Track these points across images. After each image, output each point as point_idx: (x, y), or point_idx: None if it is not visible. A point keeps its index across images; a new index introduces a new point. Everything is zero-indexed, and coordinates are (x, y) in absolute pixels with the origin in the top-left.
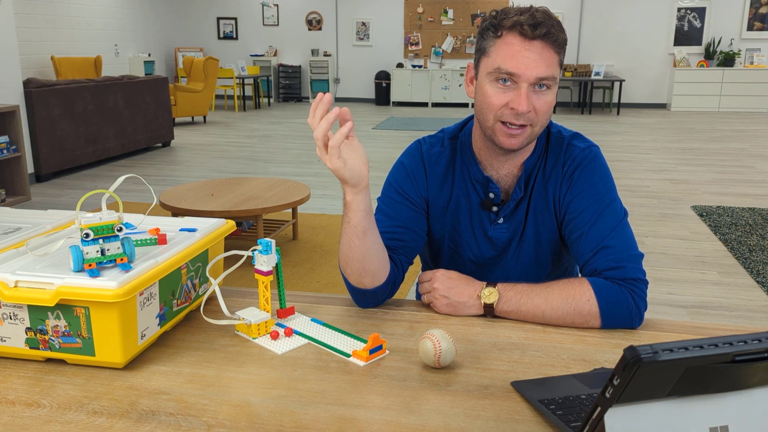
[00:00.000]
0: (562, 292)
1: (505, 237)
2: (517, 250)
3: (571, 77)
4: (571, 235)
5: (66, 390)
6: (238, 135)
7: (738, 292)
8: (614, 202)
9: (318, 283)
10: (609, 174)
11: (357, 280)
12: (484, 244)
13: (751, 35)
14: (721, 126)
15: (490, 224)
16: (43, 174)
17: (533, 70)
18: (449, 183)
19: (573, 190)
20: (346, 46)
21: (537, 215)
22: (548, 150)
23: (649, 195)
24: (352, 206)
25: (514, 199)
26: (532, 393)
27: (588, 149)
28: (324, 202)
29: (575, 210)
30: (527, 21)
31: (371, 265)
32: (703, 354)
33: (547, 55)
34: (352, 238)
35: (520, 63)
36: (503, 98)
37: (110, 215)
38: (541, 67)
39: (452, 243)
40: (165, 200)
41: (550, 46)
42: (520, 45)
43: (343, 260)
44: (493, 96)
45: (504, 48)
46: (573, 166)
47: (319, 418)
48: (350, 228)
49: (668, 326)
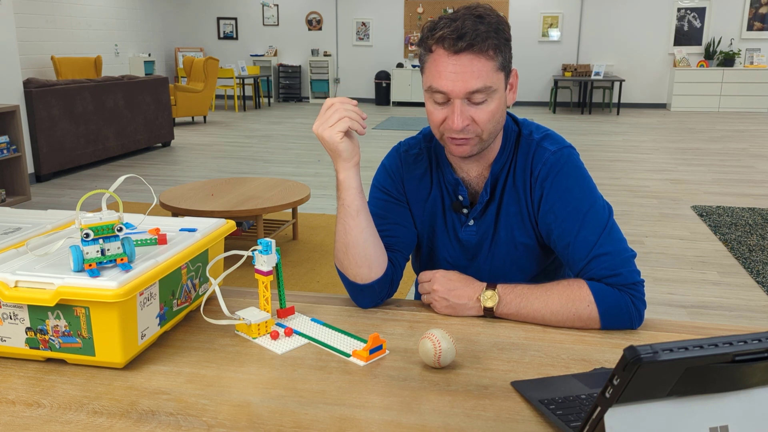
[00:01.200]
0: (562, 296)
1: (475, 239)
2: (489, 253)
3: (571, 77)
4: (558, 244)
5: (66, 390)
6: (238, 135)
7: (738, 292)
8: (595, 204)
9: (318, 283)
10: (585, 174)
11: (354, 271)
12: (456, 246)
13: (751, 35)
14: (721, 126)
15: (461, 226)
16: (43, 174)
17: (461, 85)
18: (427, 183)
19: (549, 198)
20: (346, 46)
21: (510, 218)
22: (517, 152)
23: (649, 195)
24: (344, 184)
25: (481, 203)
26: (532, 393)
27: (559, 152)
28: (324, 202)
29: (556, 219)
30: (450, 35)
31: (367, 251)
32: (703, 354)
33: (477, 66)
34: (346, 220)
35: (448, 80)
36: (441, 115)
37: (110, 215)
38: (470, 81)
39: (430, 242)
40: (165, 200)
41: (479, 56)
42: (446, 61)
43: (340, 251)
44: (432, 113)
45: (432, 65)
46: (544, 171)
47: (319, 418)
48: (344, 209)
49: (668, 326)
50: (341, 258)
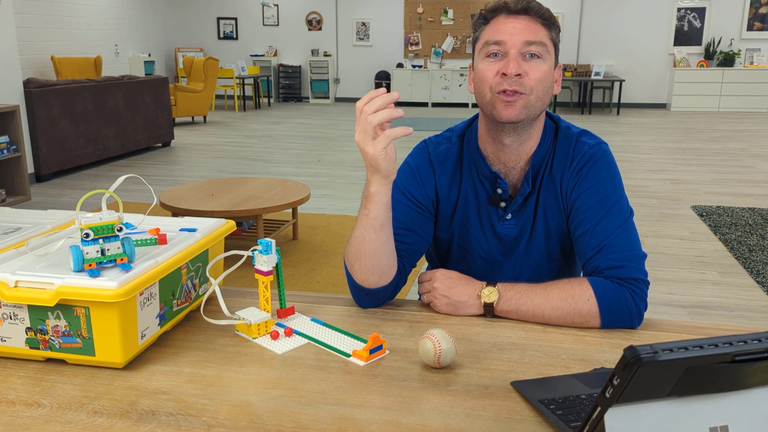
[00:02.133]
0: (562, 291)
1: (514, 233)
2: (527, 246)
3: (571, 77)
4: (576, 231)
5: (66, 390)
6: (238, 135)
7: (738, 292)
8: (621, 201)
9: (318, 283)
10: (617, 172)
11: (363, 277)
12: (493, 241)
13: (751, 35)
14: (721, 126)
15: (498, 220)
16: (43, 174)
17: (518, 35)
18: (458, 180)
19: (581, 186)
20: (346, 46)
21: (547, 210)
22: (556, 145)
23: (649, 195)
24: (375, 198)
25: (522, 194)
26: (532, 393)
27: (597, 146)
28: (324, 202)
29: (582, 206)
30: (511, 1)
31: (381, 262)
32: (703, 354)
33: (534, 26)
34: (367, 231)
35: (506, 31)
36: (494, 68)
37: (110, 215)
38: (527, 33)
39: (461, 240)
40: (165, 200)
41: (535, 19)
42: (506, 19)
43: (353, 254)
44: (485, 69)
45: (492, 26)
46: (582, 162)
47: (319, 418)
48: (368, 220)
49: (668, 326)
50: (352, 261)
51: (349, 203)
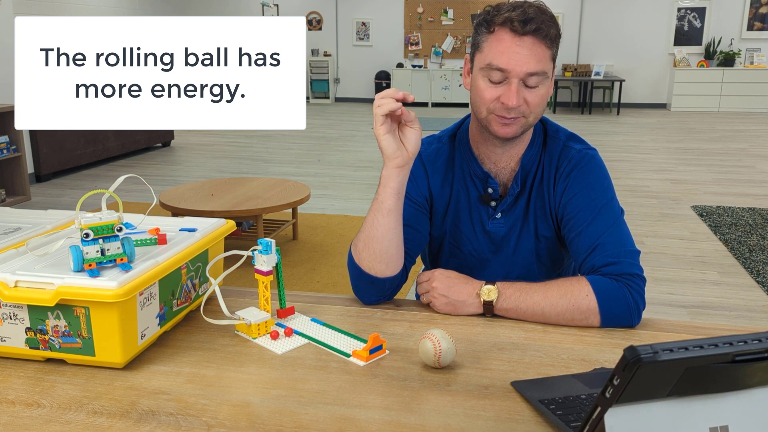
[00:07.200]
0: (561, 288)
1: (503, 231)
2: (516, 245)
3: (571, 77)
4: (570, 234)
5: (66, 390)
6: (238, 135)
7: (738, 292)
8: (611, 202)
9: (318, 283)
10: (606, 175)
11: (370, 264)
12: (483, 239)
13: (751, 35)
14: (721, 126)
15: (489, 218)
16: (43, 174)
17: (523, 65)
18: (450, 179)
19: (570, 191)
20: (346, 46)
21: (537, 213)
22: (545, 149)
23: (649, 195)
24: (383, 181)
25: (512, 194)
26: (532, 393)
27: (584, 151)
28: (324, 202)
29: (573, 210)
30: (518, 17)
31: (390, 250)
32: (703, 354)
33: (538, 51)
34: (376, 215)
35: (510, 59)
36: (494, 93)
37: (110, 215)
38: (531, 63)
39: (453, 238)
40: (165, 200)
41: (540, 42)
42: (511, 41)
43: (362, 241)
44: (485, 90)
45: (495, 44)
46: (569, 167)
47: (319, 418)
48: (377, 204)
49: (668, 326)
50: (360, 248)
51: (349, 203)
